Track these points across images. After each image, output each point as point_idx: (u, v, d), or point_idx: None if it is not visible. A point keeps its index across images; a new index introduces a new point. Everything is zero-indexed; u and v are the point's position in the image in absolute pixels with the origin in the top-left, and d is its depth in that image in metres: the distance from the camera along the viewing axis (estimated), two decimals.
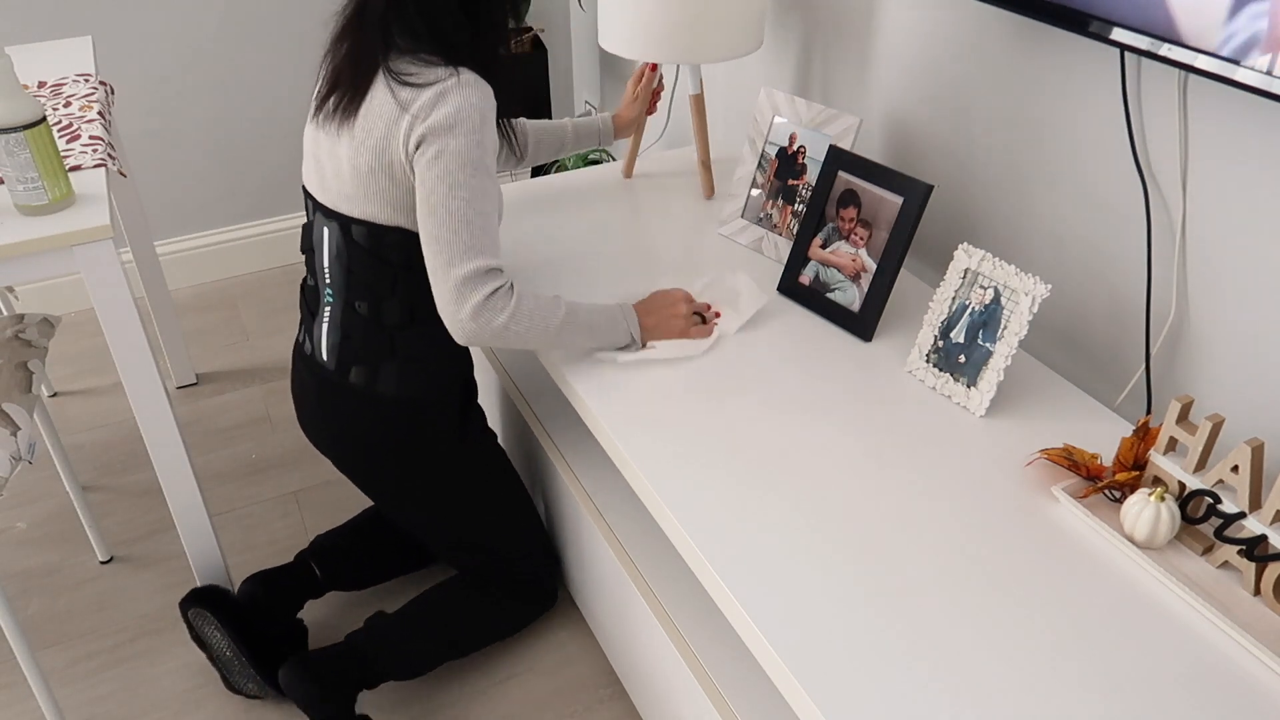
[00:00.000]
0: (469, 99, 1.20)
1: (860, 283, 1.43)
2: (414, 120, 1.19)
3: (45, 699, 1.48)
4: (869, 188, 1.41)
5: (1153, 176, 1.25)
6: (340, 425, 1.43)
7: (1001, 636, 0.97)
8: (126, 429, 2.16)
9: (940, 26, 1.51)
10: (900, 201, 1.37)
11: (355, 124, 1.24)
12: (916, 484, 1.16)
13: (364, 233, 1.29)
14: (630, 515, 1.47)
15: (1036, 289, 1.21)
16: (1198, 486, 1.05)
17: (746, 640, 1.00)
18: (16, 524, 1.93)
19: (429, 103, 1.19)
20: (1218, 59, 1.01)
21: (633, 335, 1.35)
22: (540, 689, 1.60)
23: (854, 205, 1.43)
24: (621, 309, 1.35)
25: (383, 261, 1.31)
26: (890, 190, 1.39)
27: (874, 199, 1.41)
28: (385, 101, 1.22)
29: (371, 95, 1.23)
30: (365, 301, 1.34)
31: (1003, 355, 1.24)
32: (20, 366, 1.50)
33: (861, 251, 1.42)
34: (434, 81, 1.20)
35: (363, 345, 1.36)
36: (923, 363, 1.32)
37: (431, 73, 1.21)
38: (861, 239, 1.42)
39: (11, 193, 1.30)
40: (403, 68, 1.22)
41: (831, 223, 1.46)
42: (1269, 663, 0.94)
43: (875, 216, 1.41)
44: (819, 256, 1.48)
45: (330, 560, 1.63)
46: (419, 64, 1.22)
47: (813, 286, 1.48)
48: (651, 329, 1.36)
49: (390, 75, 1.22)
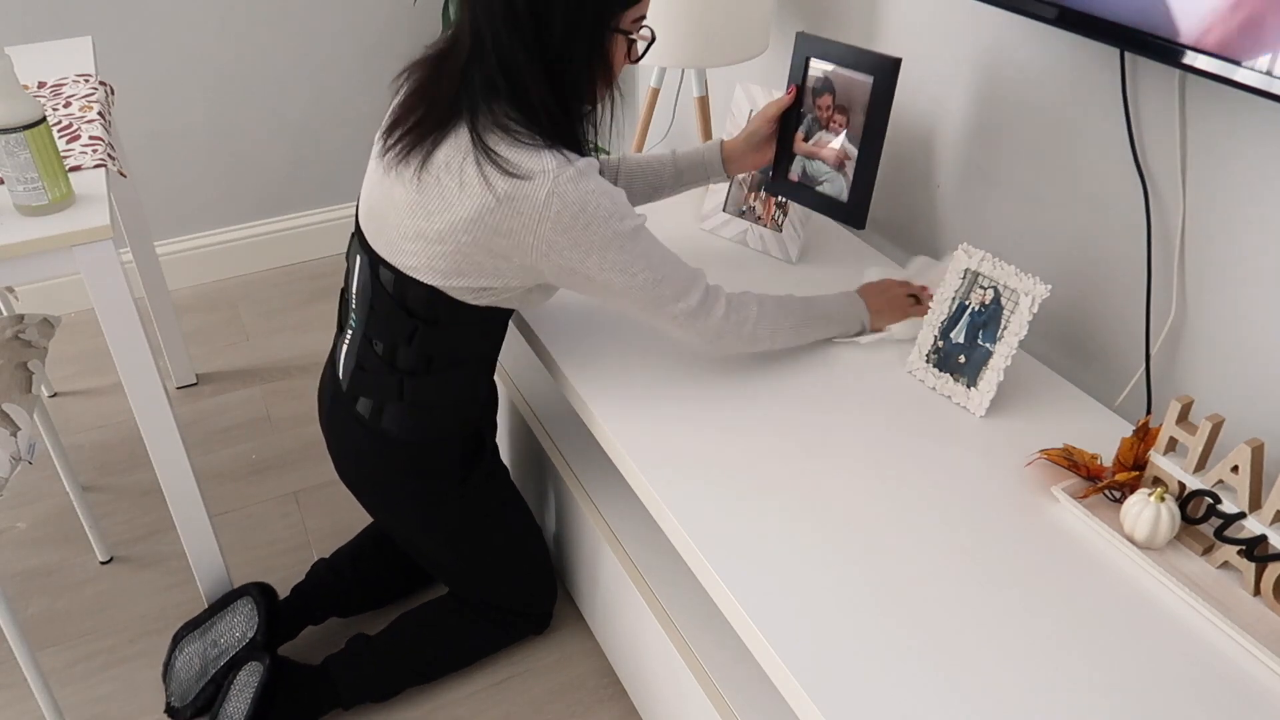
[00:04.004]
0: (586, 189, 1.12)
1: (845, 171, 1.44)
2: (520, 217, 1.11)
3: (45, 699, 1.48)
4: (841, 72, 1.42)
5: (1152, 177, 1.25)
6: (342, 446, 1.43)
7: (1001, 636, 0.97)
8: (126, 429, 2.16)
9: (941, 28, 1.51)
10: (871, 81, 1.38)
11: (420, 179, 1.16)
12: (916, 484, 1.16)
13: (391, 279, 1.23)
14: (630, 515, 1.47)
15: (1036, 289, 1.21)
16: (1198, 487, 1.05)
17: (746, 640, 1.00)
18: (16, 524, 1.93)
19: (540, 203, 1.10)
20: (1218, 59, 1.01)
21: (863, 322, 1.40)
22: (540, 689, 1.60)
23: (828, 92, 1.44)
24: (849, 298, 1.40)
25: (405, 311, 1.25)
26: (860, 71, 1.39)
27: (846, 82, 1.41)
28: (473, 179, 1.12)
29: (449, 160, 1.13)
30: (382, 342, 1.29)
31: (1003, 356, 1.24)
32: (20, 366, 1.50)
33: (842, 137, 1.43)
34: (535, 173, 1.10)
35: (374, 382, 1.32)
36: (923, 363, 1.32)
37: (533, 160, 1.11)
38: (840, 124, 1.43)
39: (11, 193, 1.30)
40: (494, 141, 1.12)
41: (810, 114, 1.46)
42: (1269, 663, 0.94)
43: (850, 100, 1.41)
44: (803, 150, 1.48)
45: (329, 595, 1.63)
46: (510, 140, 1.12)
47: (801, 182, 1.49)
48: (879, 312, 1.40)
49: (480, 149, 1.12)
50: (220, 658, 1.51)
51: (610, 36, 1.15)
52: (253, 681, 1.45)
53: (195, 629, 1.56)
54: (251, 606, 1.55)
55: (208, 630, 1.55)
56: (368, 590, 1.66)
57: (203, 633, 1.55)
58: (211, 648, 1.53)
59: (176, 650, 1.54)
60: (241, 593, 1.57)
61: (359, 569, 1.65)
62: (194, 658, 1.52)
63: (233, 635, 1.53)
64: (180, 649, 1.54)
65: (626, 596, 1.42)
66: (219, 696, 1.45)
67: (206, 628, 1.55)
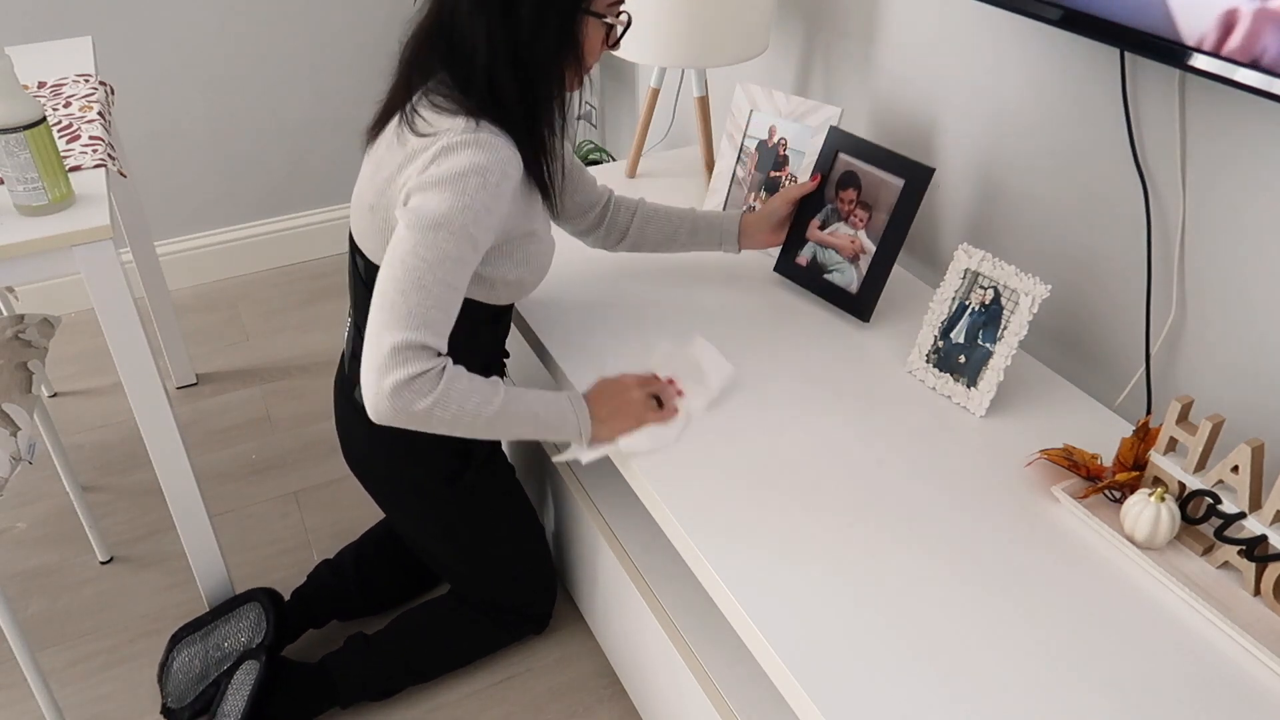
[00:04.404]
0: (474, 159, 1.09)
1: (859, 264, 1.43)
2: (412, 172, 1.12)
3: (45, 699, 1.48)
4: (870, 170, 1.41)
5: (1152, 177, 1.25)
6: (344, 431, 1.45)
7: (1001, 636, 0.97)
8: (126, 429, 2.16)
9: (940, 27, 1.51)
10: (901, 184, 1.37)
11: (373, 154, 1.20)
12: (916, 484, 1.16)
13: (364, 265, 1.27)
14: (630, 515, 1.47)
15: (1036, 289, 1.21)
16: (1198, 487, 1.05)
17: (746, 640, 1.00)
18: (16, 524, 1.93)
19: (429, 157, 1.10)
20: (1218, 59, 1.01)
21: (581, 429, 1.19)
22: (540, 689, 1.60)
23: (854, 187, 1.43)
24: (570, 399, 1.20)
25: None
26: (891, 173, 1.39)
27: (875, 181, 1.40)
28: (392, 144, 1.16)
29: (386, 131, 1.18)
30: (364, 330, 1.31)
31: (1003, 355, 1.24)
32: (20, 367, 1.50)
33: (861, 233, 1.42)
34: (440, 132, 1.11)
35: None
36: (923, 363, 1.32)
37: (446, 122, 1.12)
38: (861, 220, 1.42)
39: (11, 193, 1.30)
40: (422, 109, 1.14)
41: (831, 204, 1.46)
42: (1269, 663, 0.94)
43: (875, 199, 1.41)
44: (817, 238, 1.48)
45: (331, 598, 1.63)
46: (436, 110, 1.13)
47: (810, 267, 1.48)
48: (605, 419, 1.20)
49: (406, 116, 1.15)
50: (224, 661, 1.51)
51: (582, 19, 1.13)
52: (249, 679, 1.45)
53: (195, 631, 1.55)
54: (260, 612, 1.55)
55: (210, 633, 1.55)
56: (370, 593, 1.66)
57: (204, 635, 1.55)
58: (215, 650, 1.52)
59: (174, 651, 1.54)
60: (248, 598, 1.57)
61: (361, 572, 1.65)
62: (194, 659, 1.52)
63: (239, 639, 1.53)
64: (178, 651, 1.54)
65: (626, 596, 1.42)
66: (216, 697, 1.45)
67: (208, 631, 1.55)
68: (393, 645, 1.54)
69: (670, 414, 1.23)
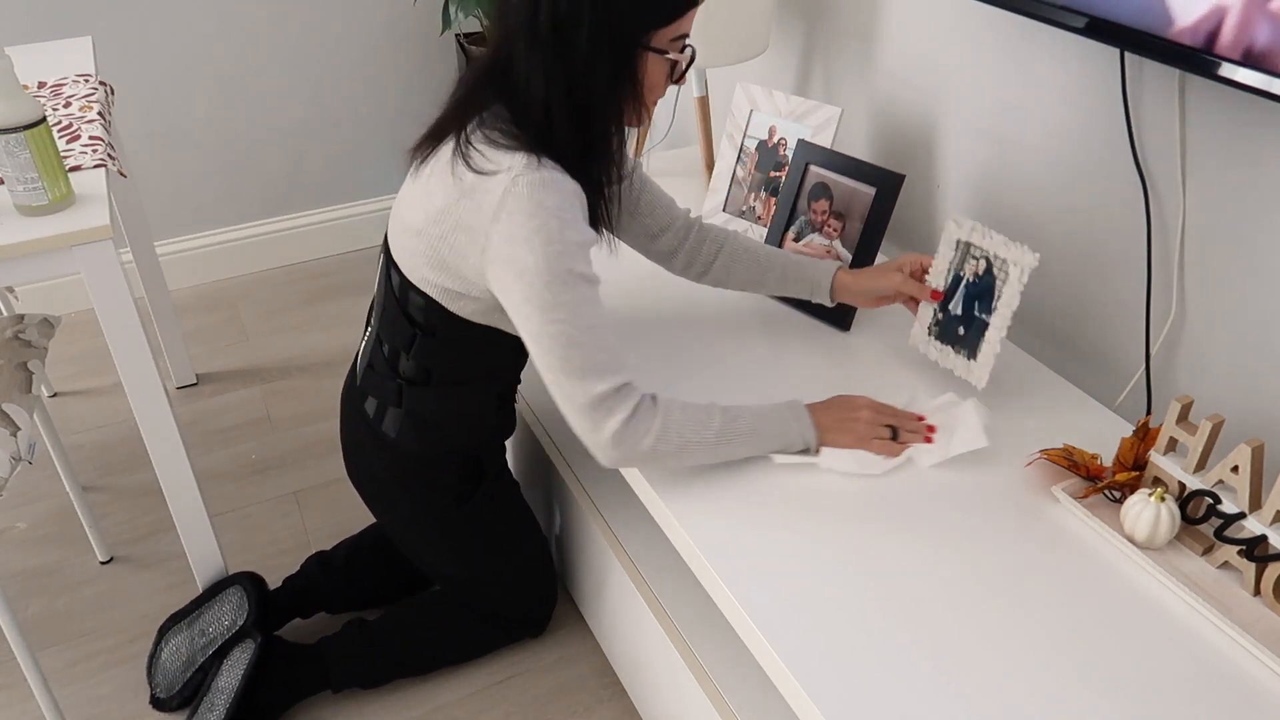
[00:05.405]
0: (543, 202, 1.05)
1: None
2: (478, 214, 1.09)
3: (45, 699, 1.48)
4: (840, 180, 1.41)
5: (1152, 177, 1.25)
6: (348, 440, 1.45)
7: (1001, 636, 0.97)
8: (126, 429, 2.16)
9: (940, 27, 1.51)
10: (873, 192, 1.37)
11: (418, 174, 1.18)
12: (913, 483, 1.15)
13: (399, 282, 1.24)
14: (631, 517, 1.47)
15: (1025, 259, 1.20)
16: (1198, 487, 1.05)
17: (746, 640, 1.00)
18: (16, 524, 1.93)
19: (495, 203, 1.07)
20: (1218, 59, 1.01)
21: (805, 439, 1.16)
22: (540, 689, 1.60)
23: (825, 198, 1.43)
24: (791, 408, 1.17)
25: (407, 317, 1.25)
26: (862, 181, 1.39)
27: (846, 191, 1.40)
28: (445, 173, 1.12)
29: (440, 154, 1.14)
30: (388, 345, 1.30)
31: (997, 328, 1.23)
32: (20, 366, 1.50)
33: (836, 243, 1.42)
34: (499, 171, 1.07)
35: (379, 383, 1.33)
36: (925, 335, 1.32)
37: (505, 159, 1.08)
38: (835, 230, 1.42)
39: (11, 193, 1.30)
40: (477, 142, 1.11)
41: (804, 215, 1.46)
42: (1269, 663, 0.94)
43: (848, 208, 1.41)
44: (792, 249, 1.47)
45: (318, 590, 1.64)
46: (493, 145, 1.10)
47: None
48: (827, 429, 1.17)
49: (460, 144, 1.11)
50: (209, 647, 1.51)
51: (641, 56, 1.09)
52: (244, 658, 1.46)
53: (181, 619, 1.56)
54: (241, 595, 1.55)
55: (195, 620, 1.56)
56: (358, 590, 1.66)
57: (190, 623, 1.56)
58: (200, 637, 1.53)
59: (162, 642, 1.55)
60: (231, 581, 1.58)
61: (352, 568, 1.65)
62: (181, 648, 1.53)
63: (221, 624, 1.53)
64: (166, 640, 1.55)
65: (627, 596, 1.42)
66: (208, 678, 1.46)
67: (194, 618, 1.56)
68: (390, 637, 1.54)
69: (896, 450, 1.18)
